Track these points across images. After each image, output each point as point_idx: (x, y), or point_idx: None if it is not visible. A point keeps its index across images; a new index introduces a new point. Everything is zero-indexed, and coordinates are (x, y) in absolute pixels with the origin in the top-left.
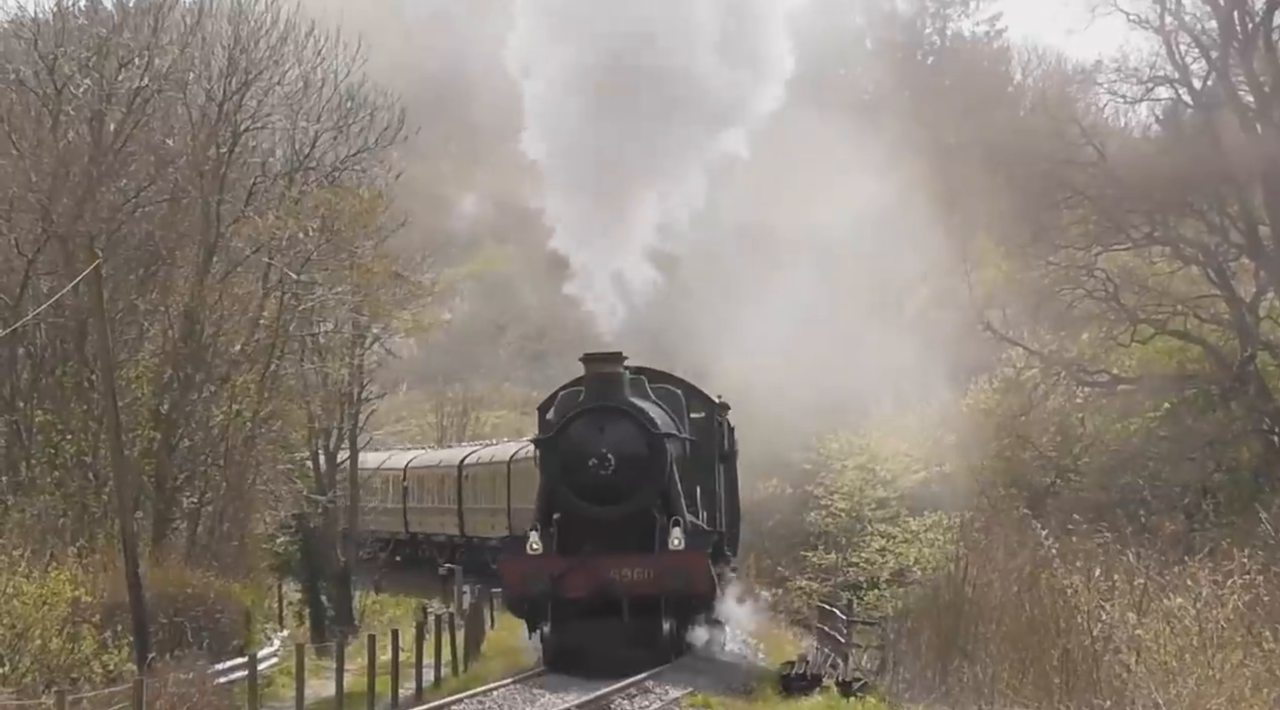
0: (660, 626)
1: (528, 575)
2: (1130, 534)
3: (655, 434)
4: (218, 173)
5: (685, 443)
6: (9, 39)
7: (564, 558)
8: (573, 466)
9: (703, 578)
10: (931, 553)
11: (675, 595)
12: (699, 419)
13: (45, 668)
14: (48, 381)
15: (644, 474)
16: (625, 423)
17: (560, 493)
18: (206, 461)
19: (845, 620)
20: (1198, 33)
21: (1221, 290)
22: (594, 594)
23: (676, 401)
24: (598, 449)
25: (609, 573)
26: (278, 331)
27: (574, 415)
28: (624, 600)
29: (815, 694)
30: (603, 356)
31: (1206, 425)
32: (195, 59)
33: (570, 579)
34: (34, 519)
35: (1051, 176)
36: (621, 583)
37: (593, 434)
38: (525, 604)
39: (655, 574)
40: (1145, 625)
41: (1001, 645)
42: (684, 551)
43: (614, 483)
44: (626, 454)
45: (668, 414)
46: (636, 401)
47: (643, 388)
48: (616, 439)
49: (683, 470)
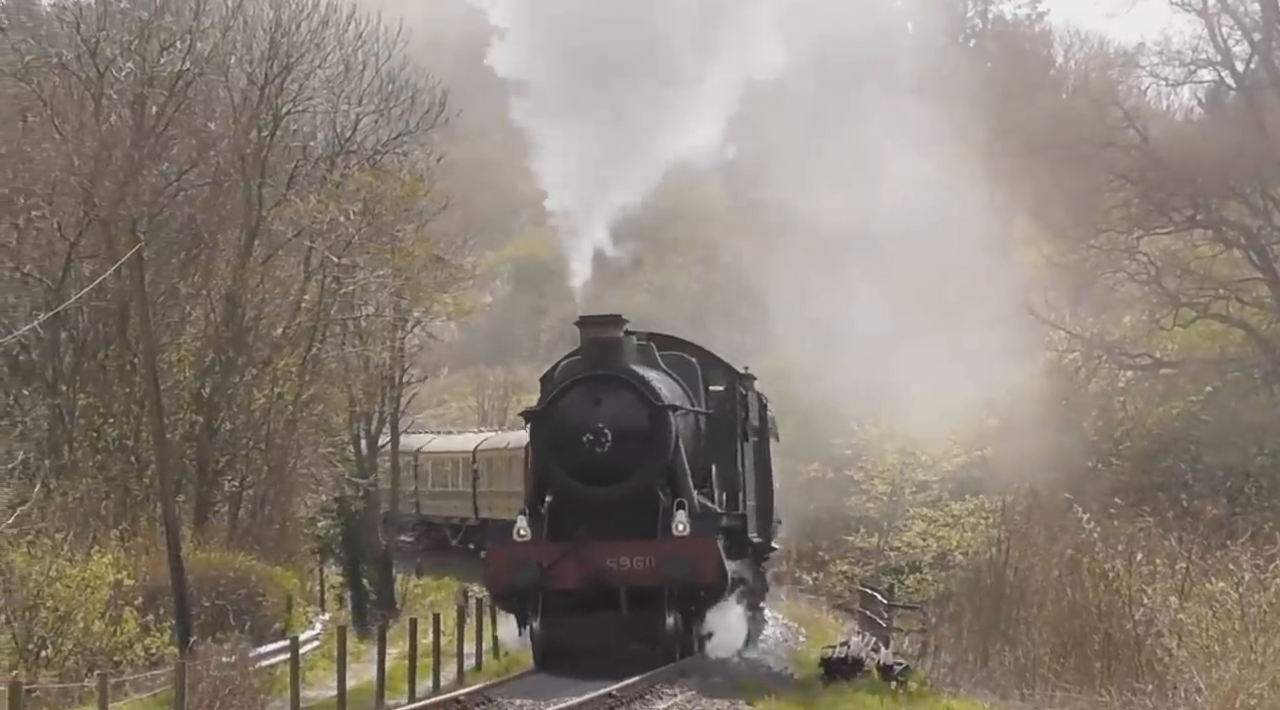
0: (663, 621)
1: (514, 564)
2: (1172, 518)
3: (658, 406)
4: (259, 156)
5: (698, 416)
6: (52, 22)
7: (555, 545)
8: (565, 442)
9: (711, 567)
10: (973, 537)
11: (680, 586)
12: (719, 391)
13: (87, 651)
14: (90, 365)
15: (645, 450)
16: (624, 393)
17: (553, 472)
18: (248, 445)
19: (886, 604)
20: (1240, 15)
21: (1264, 274)
22: (588, 584)
23: (690, 371)
24: (593, 423)
25: (605, 561)
26: (319, 315)
27: (567, 385)
28: (622, 592)
29: (856, 678)
30: (599, 320)
31: (1249, 409)
32: (237, 43)
33: (562, 568)
34: (76, 502)
35: (1094, 159)
36: (619, 572)
37: (588, 406)
38: (513, 596)
39: (657, 562)
40: (1187, 609)
41: (1043, 629)
42: (689, 537)
43: (611, 460)
44: (625, 428)
45: (679, 384)
46: (639, 370)
47: (651, 355)
48: (614, 411)
49: (696, 446)
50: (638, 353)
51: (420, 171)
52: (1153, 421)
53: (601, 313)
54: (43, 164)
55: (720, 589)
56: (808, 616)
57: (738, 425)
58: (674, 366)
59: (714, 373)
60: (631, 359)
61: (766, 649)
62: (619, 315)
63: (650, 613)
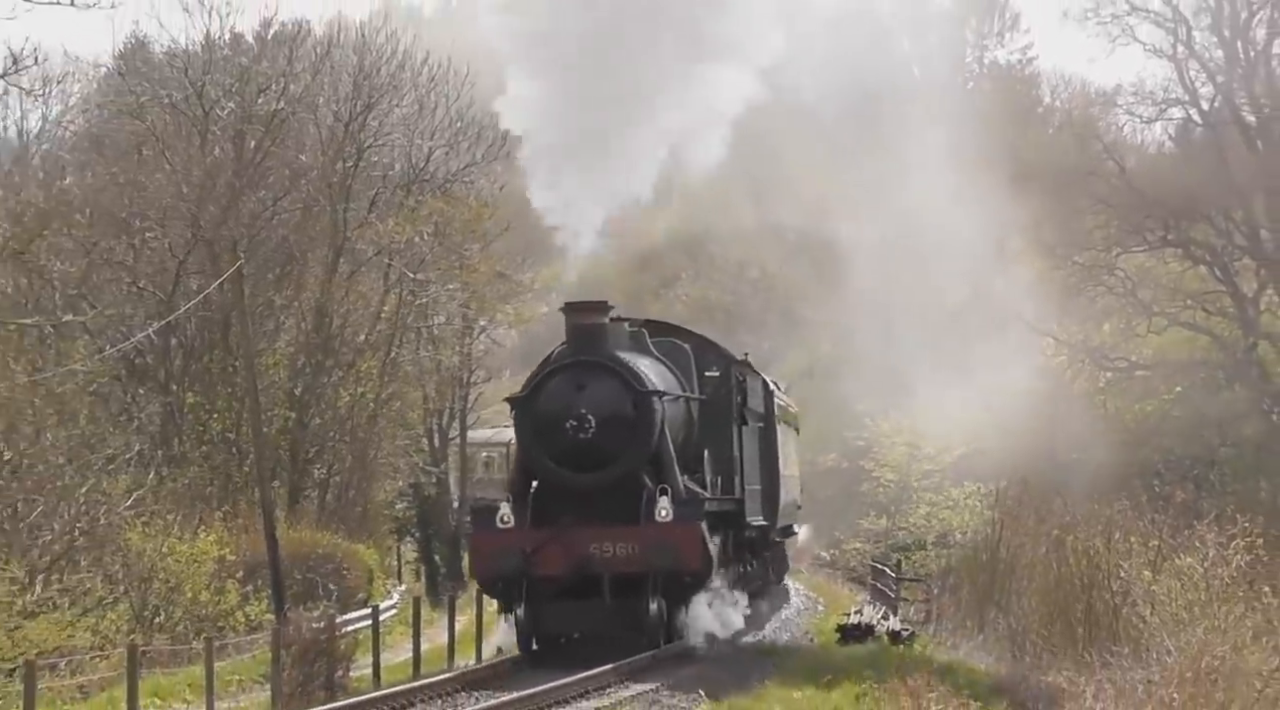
0: (647, 608)
1: (496, 551)
2: (1146, 502)
3: (641, 391)
4: (344, 184)
5: (690, 402)
6: (163, 67)
7: (538, 532)
8: (549, 428)
9: (694, 553)
10: (971, 518)
11: (663, 572)
12: (714, 377)
13: (195, 617)
14: (197, 367)
15: (629, 436)
16: (608, 379)
17: (537, 458)
18: (334, 437)
19: (894, 578)
20: (1206, 60)
21: (1227, 287)
22: (572, 571)
23: (683, 357)
24: (576, 409)
25: (589, 548)
26: (397, 323)
27: (550, 371)
28: (605, 578)
29: (868, 642)
30: (585, 306)
31: (1214, 406)
32: (325, 85)
33: (545, 555)
34: (185, 488)
35: (1077, 187)
36: (602, 559)
37: (570, 392)
38: (499, 583)
39: (640, 549)
40: (1159, 582)
41: (1032, 600)
42: (672, 523)
43: (595, 446)
44: (609, 414)
45: (670, 370)
46: (625, 356)
47: (642, 342)
48: (598, 398)
49: (687, 432)
50: (629, 339)
51: (485, 198)
52: (1130, 417)
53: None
54: (155, 192)
55: (705, 575)
56: (826, 588)
57: (733, 410)
58: (666, 353)
59: (710, 358)
60: (620, 345)
61: (789, 617)
62: (604, 302)
63: (634, 599)
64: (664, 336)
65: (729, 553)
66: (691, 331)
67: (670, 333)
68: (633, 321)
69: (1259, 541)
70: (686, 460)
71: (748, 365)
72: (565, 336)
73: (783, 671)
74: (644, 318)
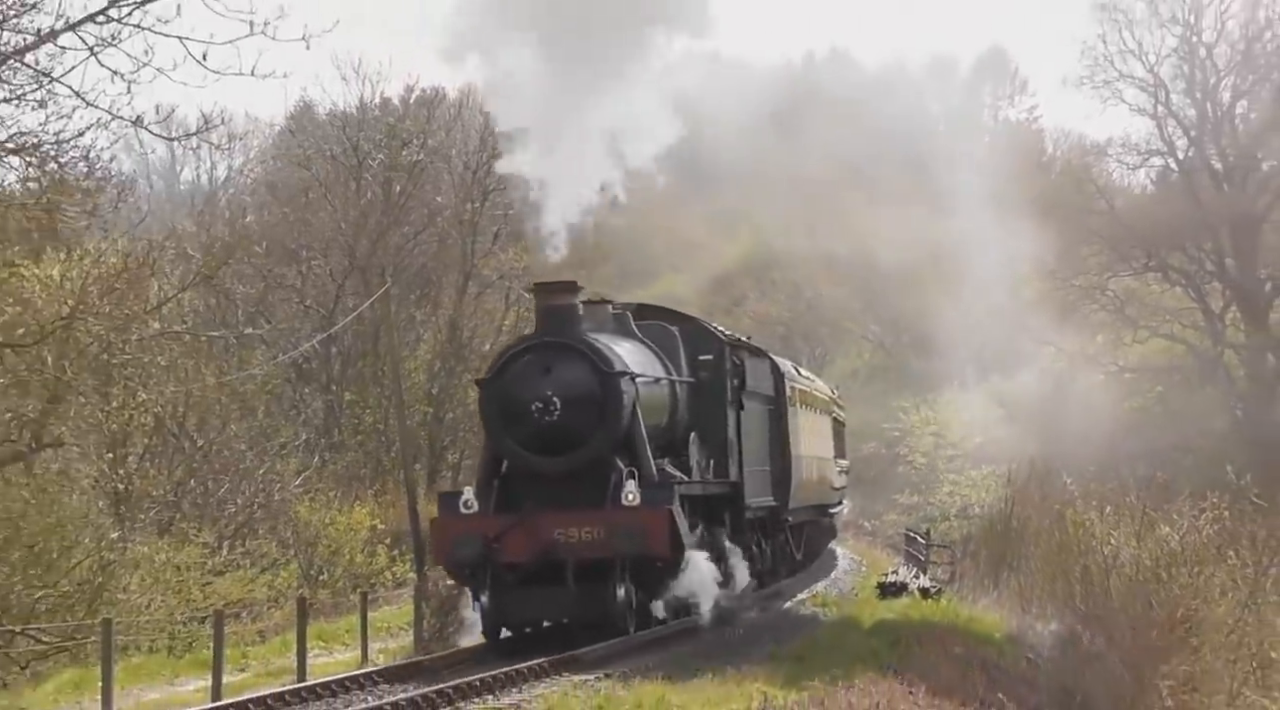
0: (613, 594)
1: (459, 538)
2: (1131, 482)
3: (608, 372)
4: (472, 221)
5: (675, 384)
6: (325, 126)
7: (502, 517)
8: (514, 411)
9: (661, 537)
10: (987, 495)
11: (630, 558)
12: (709, 360)
13: (352, 576)
14: (352, 371)
15: (598, 419)
16: (575, 360)
17: (503, 442)
18: (465, 429)
19: (924, 544)
20: (1181, 118)
21: (1199, 304)
22: (535, 557)
23: (670, 340)
24: (542, 391)
25: (553, 533)
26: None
27: (517, 353)
28: (568, 564)
29: (903, 597)
30: (553, 286)
31: (1188, 403)
32: (457, 139)
33: (509, 541)
34: (343, 470)
35: (1075, 221)
36: (567, 544)
37: (536, 374)
38: (465, 569)
39: (606, 533)
40: (1142, 547)
41: (1037, 562)
42: (639, 507)
43: (562, 429)
44: (575, 396)
45: (653, 352)
46: (600, 337)
47: (625, 324)
48: (564, 379)
49: (671, 415)
50: (613, 321)
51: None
52: (1119, 412)
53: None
54: (319, 228)
55: (677, 560)
56: (868, 553)
57: (728, 392)
58: (652, 336)
59: (703, 342)
60: (604, 327)
61: (838, 576)
62: (573, 281)
63: (600, 585)
64: (655, 320)
65: (718, 536)
66: (685, 315)
67: (660, 316)
68: (617, 304)
69: (1225, 514)
70: (670, 443)
71: (748, 348)
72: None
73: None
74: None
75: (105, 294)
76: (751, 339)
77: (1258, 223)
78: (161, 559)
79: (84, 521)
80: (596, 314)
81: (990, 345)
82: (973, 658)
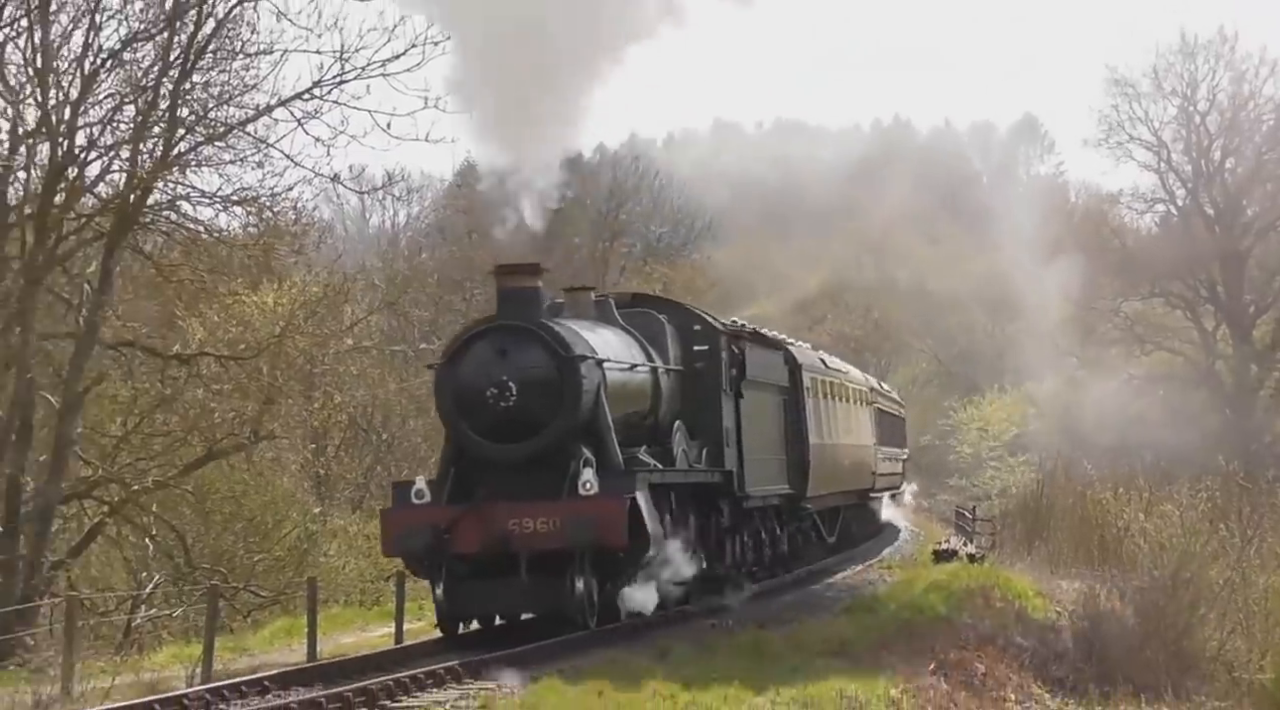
0: (570, 586)
1: (409, 529)
2: (1140, 469)
3: (566, 356)
4: (604, 257)
5: (657, 372)
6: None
7: (454, 507)
8: (469, 398)
9: (616, 528)
10: (1023, 478)
11: (585, 549)
12: (704, 350)
13: None
14: None
15: (556, 405)
16: (531, 345)
17: (458, 429)
18: None
19: (971, 519)
20: (1180, 172)
21: (1195, 325)
22: (487, 548)
23: (656, 328)
24: (497, 376)
25: (506, 523)
26: None
27: (472, 337)
28: (521, 556)
29: (953, 561)
30: (513, 268)
31: (1186, 404)
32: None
33: (461, 531)
34: None
35: (1093, 257)
36: (521, 535)
37: (492, 359)
38: (409, 561)
39: (560, 524)
40: (1149, 521)
41: (1064, 533)
42: (596, 497)
43: (518, 415)
44: (531, 380)
45: (635, 340)
46: (562, 321)
47: (607, 312)
48: (521, 364)
49: (652, 402)
50: (594, 309)
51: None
52: (1130, 412)
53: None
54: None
55: (639, 551)
56: (925, 525)
57: (723, 381)
58: (637, 324)
59: (699, 332)
60: (584, 314)
61: (899, 544)
62: (536, 264)
63: (556, 578)
64: (645, 308)
65: (707, 527)
66: (683, 305)
67: (654, 305)
68: (609, 295)
69: (1216, 495)
70: (652, 432)
71: (753, 338)
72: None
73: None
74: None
75: (309, 317)
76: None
77: (1244, 258)
78: (354, 530)
79: (292, 499)
80: (578, 301)
81: (1024, 357)
82: (1009, 609)
